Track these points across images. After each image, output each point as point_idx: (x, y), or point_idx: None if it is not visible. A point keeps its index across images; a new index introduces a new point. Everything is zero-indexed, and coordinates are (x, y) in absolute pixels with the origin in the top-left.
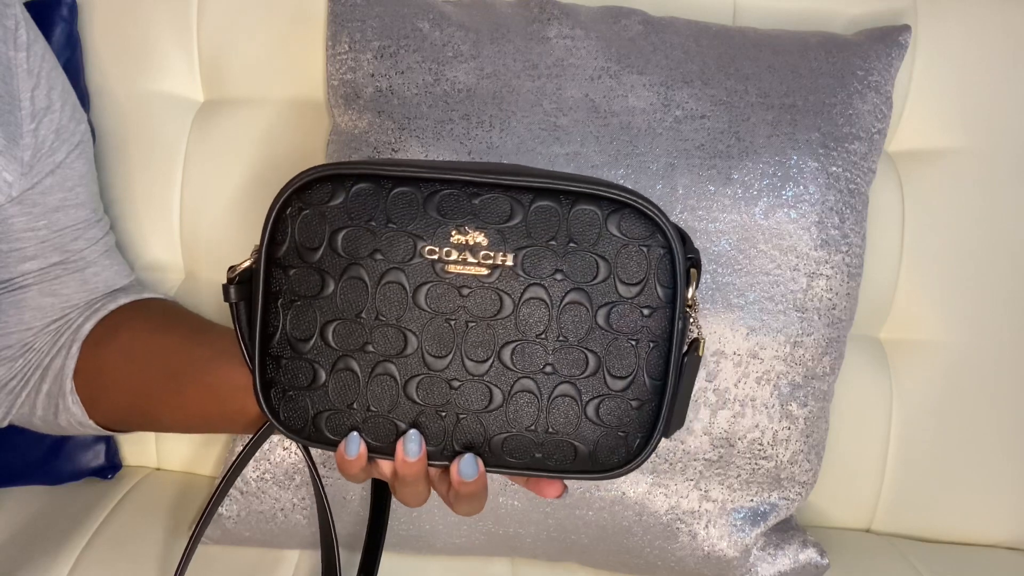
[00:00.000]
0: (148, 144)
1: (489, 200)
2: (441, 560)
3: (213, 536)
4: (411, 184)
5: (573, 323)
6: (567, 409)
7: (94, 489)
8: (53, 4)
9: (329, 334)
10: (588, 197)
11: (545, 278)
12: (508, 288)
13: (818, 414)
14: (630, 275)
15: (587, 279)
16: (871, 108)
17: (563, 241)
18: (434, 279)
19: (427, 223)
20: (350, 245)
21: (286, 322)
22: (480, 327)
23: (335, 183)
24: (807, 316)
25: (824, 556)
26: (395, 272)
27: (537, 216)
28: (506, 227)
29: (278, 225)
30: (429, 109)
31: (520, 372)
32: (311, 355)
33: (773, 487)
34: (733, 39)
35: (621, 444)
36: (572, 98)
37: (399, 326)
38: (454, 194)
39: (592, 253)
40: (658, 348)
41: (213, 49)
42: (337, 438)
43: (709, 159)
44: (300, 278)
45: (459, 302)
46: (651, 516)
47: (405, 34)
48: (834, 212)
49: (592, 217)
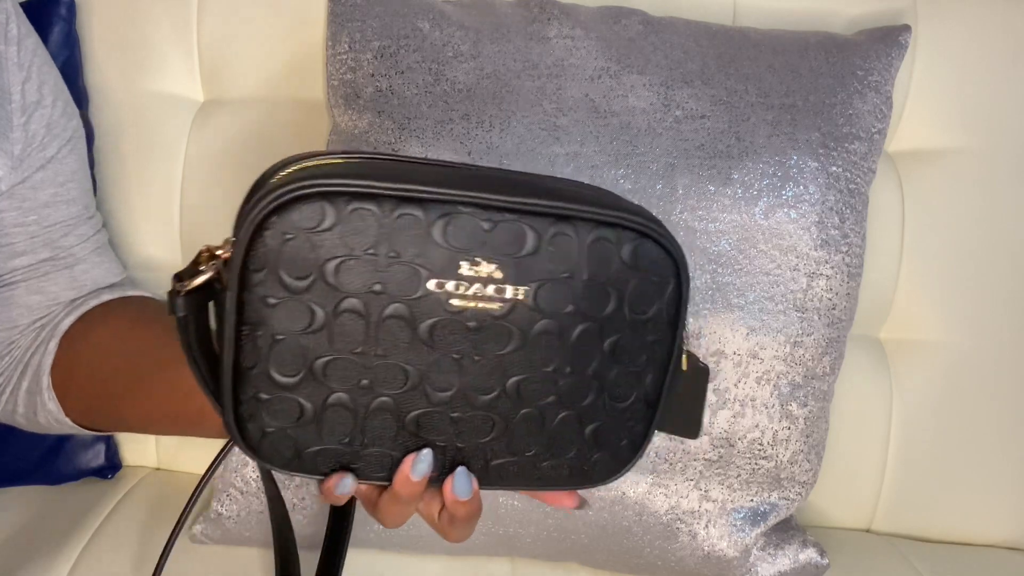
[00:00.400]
0: (148, 144)
1: (504, 227)
2: (441, 560)
3: (213, 536)
4: (416, 206)
5: (582, 356)
6: (568, 434)
7: (94, 489)
8: (51, 3)
9: (319, 370)
10: (608, 225)
11: (559, 312)
12: (520, 323)
13: (818, 414)
14: (640, 307)
15: (599, 312)
16: (871, 108)
17: (580, 275)
18: (441, 314)
19: (435, 253)
20: (346, 277)
21: (268, 358)
22: (487, 362)
23: (325, 202)
24: (807, 316)
25: (824, 556)
26: (397, 307)
27: (555, 248)
28: (521, 259)
29: (253, 249)
30: (429, 109)
31: (525, 403)
32: (297, 392)
33: (773, 487)
34: (733, 39)
35: (613, 459)
36: (572, 98)
37: (400, 364)
38: (465, 219)
39: (606, 286)
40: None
41: (213, 49)
42: (328, 471)
43: (709, 159)
44: (284, 311)
45: (467, 337)
46: (651, 516)
47: (405, 34)
48: (834, 212)
49: (610, 251)
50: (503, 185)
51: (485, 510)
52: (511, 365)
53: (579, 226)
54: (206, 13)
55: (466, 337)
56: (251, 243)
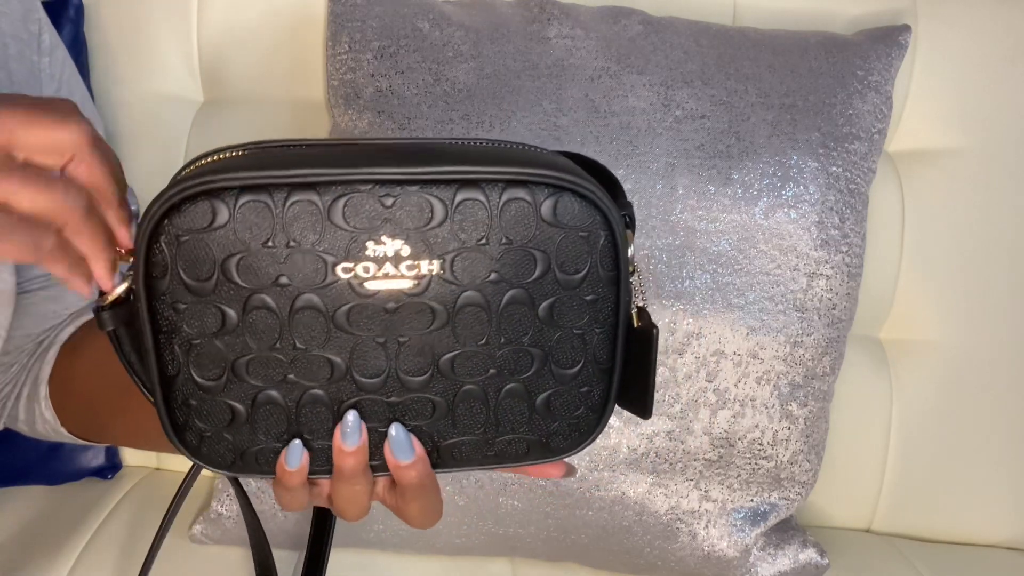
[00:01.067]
0: (148, 144)
1: (404, 200)
2: (441, 560)
3: (213, 536)
4: (308, 191)
5: (515, 325)
6: (516, 407)
7: (94, 489)
8: (60, 5)
9: (242, 370)
10: (519, 184)
11: (479, 282)
12: (440, 298)
13: (818, 414)
14: (571, 266)
15: (525, 277)
16: (871, 108)
17: (496, 240)
18: (355, 299)
19: (335, 237)
20: (248, 273)
21: (188, 364)
22: (414, 342)
23: (213, 199)
24: (807, 316)
25: (824, 556)
26: (308, 297)
27: (463, 214)
28: (428, 231)
29: (152, 256)
30: (429, 109)
31: (463, 379)
32: (225, 394)
33: (773, 487)
34: (733, 39)
35: (574, 430)
36: (572, 98)
37: (322, 354)
38: (363, 197)
39: (529, 248)
40: (605, 331)
41: (213, 49)
42: (268, 470)
43: (709, 159)
44: (194, 314)
45: (386, 319)
46: (651, 516)
47: (405, 34)
48: (834, 212)
49: (525, 209)
50: (402, 156)
51: (485, 510)
52: (439, 343)
53: (488, 189)
54: (206, 14)
55: (386, 319)
56: (148, 250)
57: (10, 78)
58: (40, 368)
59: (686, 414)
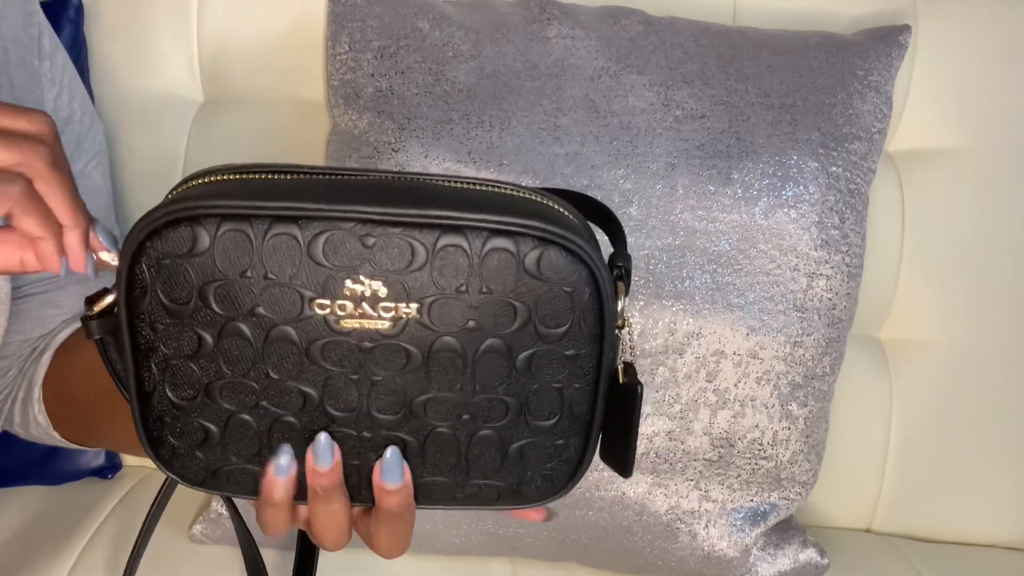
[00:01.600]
0: (148, 144)
1: (386, 241)
2: (441, 560)
3: (213, 536)
4: (289, 224)
5: (490, 373)
6: (488, 454)
7: (94, 489)
8: (60, 5)
9: (216, 393)
10: (503, 234)
11: (456, 329)
12: (415, 341)
13: (818, 414)
14: (552, 320)
15: (504, 327)
16: (871, 108)
17: (476, 288)
18: (330, 335)
19: (314, 273)
20: (225, 301)
21: (163, 382)
22: (387, 382)
23: (195, 226)
24: (807, 316)
25: (824, 556)
26: (282, 329)
27: (444, 260)
28: (408, 274)
29: (134, 276)
30: (429, 109)
31: (434, 422)
32: (198, 414)
33: (773, 487)
34: (733, 39)
35: (546, 480)
36: (572, 98)
37: (295, 386)
38: (345, 235)
39: (509, 300)
40: (585, 386)
41: (213, 49)
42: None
43: (709, 159)
44: (171, 335)
45: (360, 358)
46: (651, 516)
47: (405, 34)
48: (834, 212)
49: (507, 261)
50: (388, 195)
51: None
52: (412, 384)
53: (471, 236)
54: (206, 13)
55: (360, 357)
56: (131, 270)
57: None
58: (35, 371)
59: (686, 414)
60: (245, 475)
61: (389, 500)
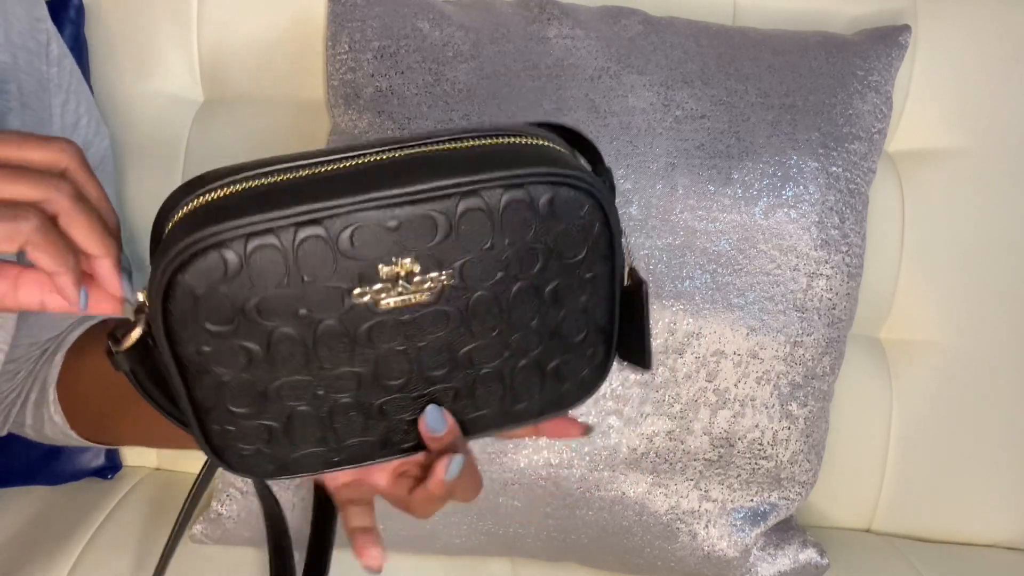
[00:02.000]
0: (148, 143)
1: (408, 220)
2: (441, 560)
3: (213, 536)
4: (314, 226)
5: (523, 312)
6: (530, 379)
7: (94, 489)
8: (61, 6)
9: (273, 394)
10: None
11: (488, 282)
12: (453, 302)
13: (818, 414)
14: (570, 251)
15: (530, 269)
16: (871, 108)
17: (500, 243)
18: (373, 318)
19: (347, 267)
20: (268, 312)
21: (220, 398)
22: (432, 343)
23: (222, 250)
24: (807, 316)
25: (824, 556)
26: (328, 324)
27: (467, 224)
28: (436, 246)
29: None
30: (429, 109)
31: (480, 366)
32: (259, 417)
33: (773, 487)
34: (733, 39)
35: (580, 387)
36: (572, 98)
37: (348, 370)
38: (367, 224)
39: (531, 244)
40: (605, 299)
41: (213, 49)
42: (316, 471)
43: (709, 159)
44: (220, 356)
45: (405, 330)
46: (651, 516)
47: (405, 34)
48: (834, 212)
49: (524, 210)
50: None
51: (485, 510)
52: (456, 340)
53: (487, 196)
54: (206, 14)
55: (404, 329)
56: (165, 303)
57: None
58: (48, 372)
59: (686, 414)
60: (313, 457)
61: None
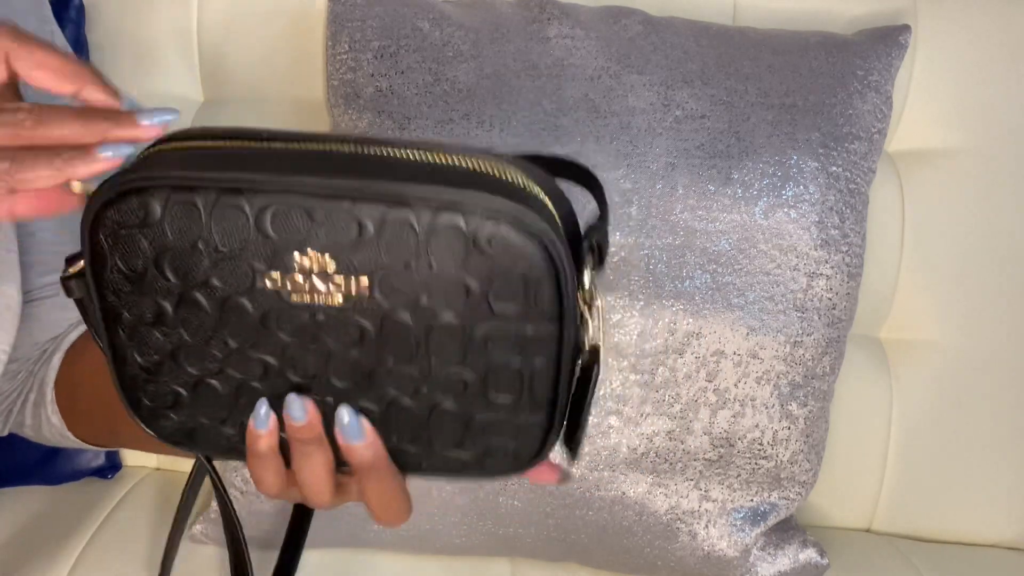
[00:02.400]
0: None
1: (334, 215)
2: (441, 560)
3: (213, 536)
4: (236, 196)
5: (444, 348)
6: (450, 425)
7: (94, 489)
8: (61, 6)
9: (181, 358)
10: (451, 209)
11: (407, 304)
12: (367, 315)
13: (818, 414)
14: (507, 298)
15: (457, 302)
16: (871, 108)
17: (424, 264)
18: (282, 306)
19: (262, 246)
20: (179, 271)
21: (132, 347)
22: (343, 353)
23: (147, 196)
24: (807, 316)
25: (824, 556)
26: (237, 300)
27: (392, 235)
28: (355, 248)
29: (95, 245)
30: (429, 109)
31: (393, 392)
32: (167, 378)
33: (773, 487)
34: (733, 39)
35: (510, 456)
36: (572, 98)
37: (256, 355)
38: (290, 208)
39: (460, 276)
40: (547, 362)
41: (213, 49)
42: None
43: (709, 159)
44: (133, 302)
45: (315, 329)
46: (651, 516)
47: (405, 34)
48: (834, 212)
49: (456, 236)
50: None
51: (485, 510)
52: (367, 357)
53: (418, 211)
54: (206, 13)
55: (314, 329)
56: (92, 236)
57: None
58: (46, 373)
59: (686, 414)
60: (220, 436)
61: (358, 457)
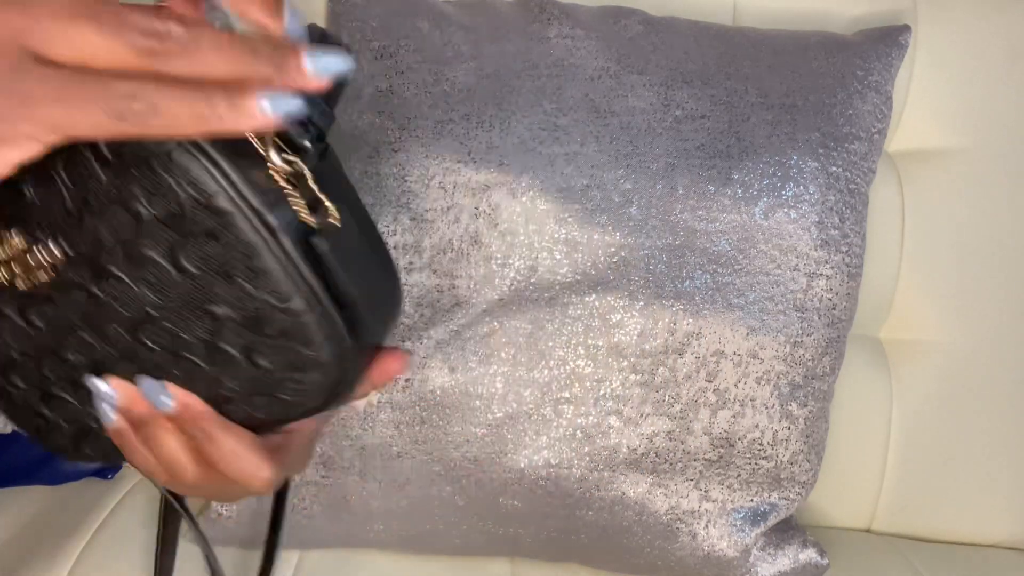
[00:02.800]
0: None
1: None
2: (441, 560)
3: (213, 536)
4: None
5: (155, 279)
6: (232, 366)
7: (94, 489)
8: None
9: (15, 379)
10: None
11: (92, 249)
12: (76, 276)
13: (818, 414)
14: (160, 204)
15: (124, 232)
16: (871, 108)
17: (78, 208)
18: (20, 297)
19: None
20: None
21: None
22: (90, 320)
23: None
24: (807, 316)
25: (824, 556)
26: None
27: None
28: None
29: None
30: (429, 109)
31: (149, 343)
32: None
33: (773, 487)
34: (733, 39)
35: (320, 362)
36: (572, 98)
37: (62, 352)
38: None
39: (110, 205)
40: (274, 261)
41: None
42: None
43: (709, 159)
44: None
45: (56, 311)
46: (651, 516)
47: (405, 34)
48: (834, 212)
49: (84, 166)
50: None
51: (485, 510)
52: (105, 315)
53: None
54: None
55: (56, 311)
56: None
57: None
58: None
59: (686, 414)
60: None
61: (186, 421)
